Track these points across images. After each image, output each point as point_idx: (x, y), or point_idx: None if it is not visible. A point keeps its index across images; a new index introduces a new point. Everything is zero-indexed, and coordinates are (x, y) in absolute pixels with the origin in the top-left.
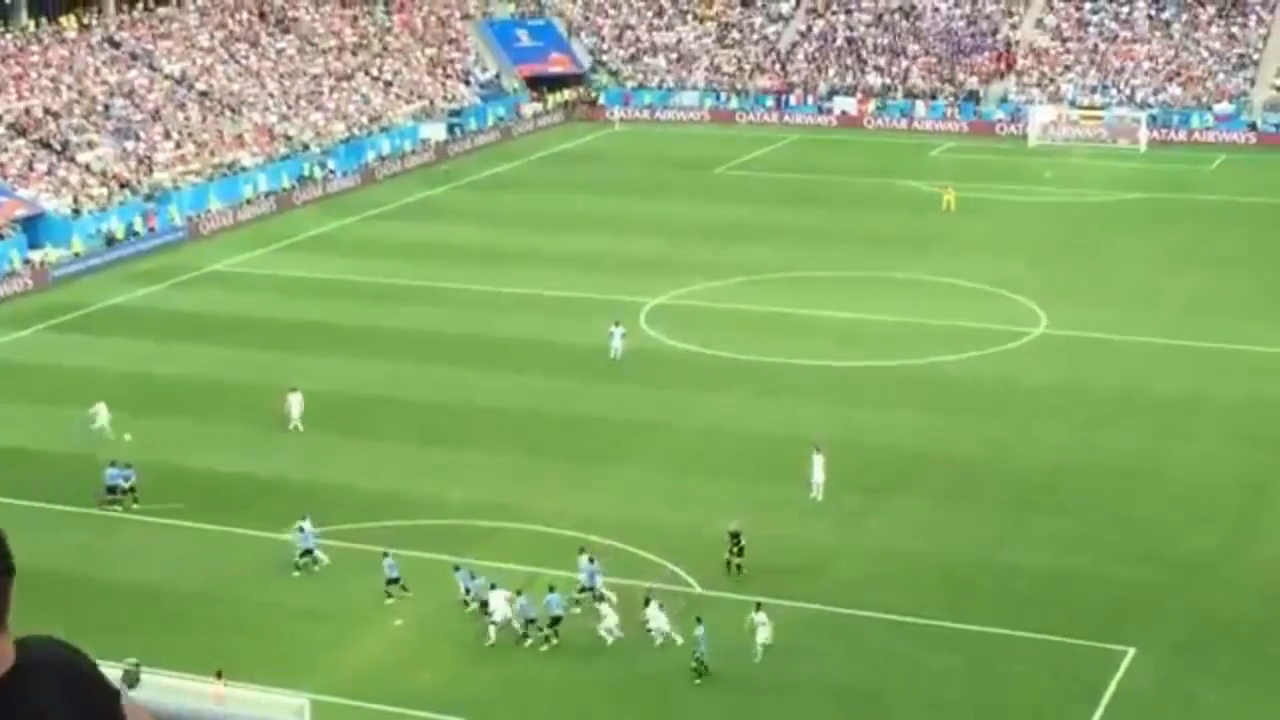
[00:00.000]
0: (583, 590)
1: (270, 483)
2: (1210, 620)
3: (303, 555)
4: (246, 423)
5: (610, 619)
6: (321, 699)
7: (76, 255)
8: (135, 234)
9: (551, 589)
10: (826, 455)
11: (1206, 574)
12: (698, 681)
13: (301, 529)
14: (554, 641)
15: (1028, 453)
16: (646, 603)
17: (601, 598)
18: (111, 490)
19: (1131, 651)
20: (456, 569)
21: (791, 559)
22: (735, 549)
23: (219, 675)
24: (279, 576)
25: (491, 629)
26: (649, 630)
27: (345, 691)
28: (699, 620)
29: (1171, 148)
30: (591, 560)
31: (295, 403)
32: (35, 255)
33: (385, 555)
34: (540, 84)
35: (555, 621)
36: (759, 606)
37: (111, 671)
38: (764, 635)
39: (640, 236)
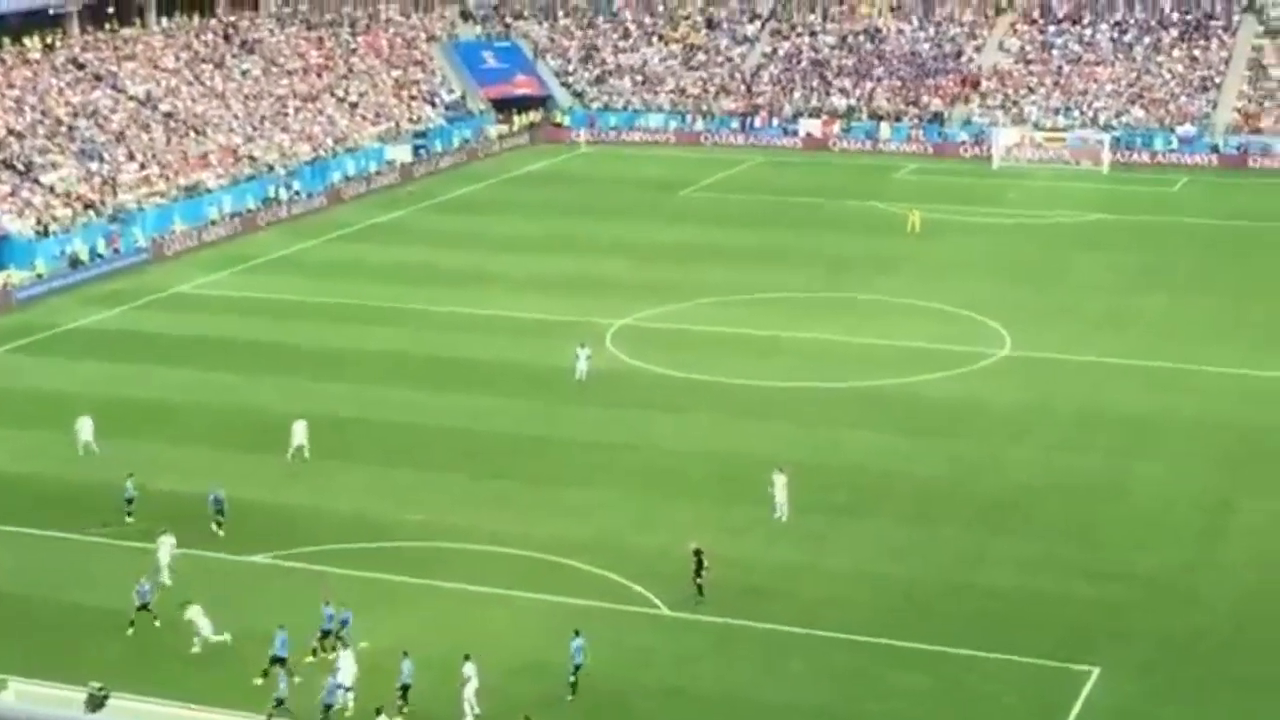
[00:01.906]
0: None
1: (234, 504)
2: (1174, 639)
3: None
4: (212, 445)
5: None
6: None
7: (40, 277)
8: (99, 255)
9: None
10: (789, 475)
11: (1171, 593)
12: (569, 699)
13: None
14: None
15: (993, 473)
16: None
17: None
18: (129, 501)
19: (1096, 671)
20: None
21: (757, 580)
22: (698, 568)
23: None
24: (240, 599)
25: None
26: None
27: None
28: (577, 633)
29: (1134, 169)
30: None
31: (299, 431)
32: None
33: (326, 604)
34: (506, 106)
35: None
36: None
37: (76, 695)
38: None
39: (606, 258)
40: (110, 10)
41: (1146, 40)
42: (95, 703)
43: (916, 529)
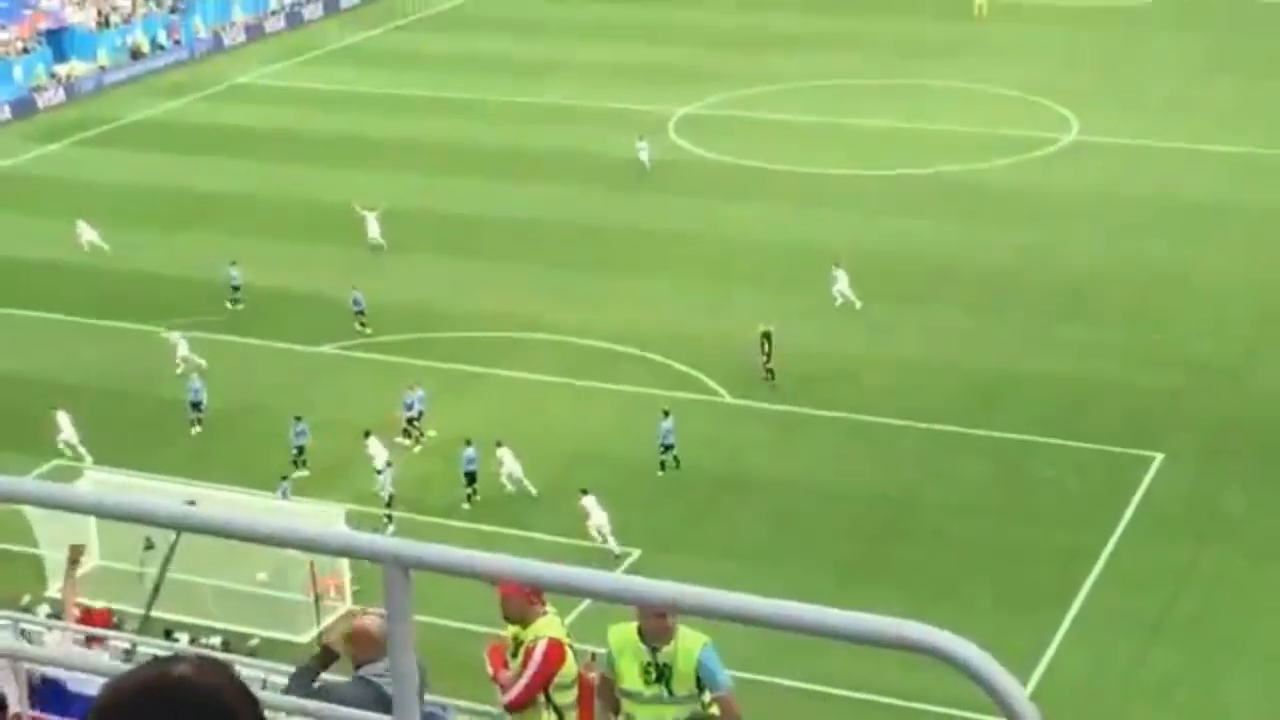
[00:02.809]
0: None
1: (305, 296)
2: (1236, 425)
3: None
4: (278, 236)
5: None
6: (356, 508)
7: (102, 69)
8: (160, 46)
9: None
10: (847, 268)
11: (1231, 379)
12: (660, 474)
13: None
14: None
15: (1056, 260)
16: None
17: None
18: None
19: (1159, 457)
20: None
21: (820, 367)
22: (766, 351)
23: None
24: (310, 387)
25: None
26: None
27: (379, 502)
28: (666, 414)
29: None
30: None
31: (372, 224)
32: (61, 69)
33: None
34: None
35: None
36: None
37: (150, 483)
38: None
39: (669, 45)
40: None
41: None
42: (149, 544)
43: (980, 317)
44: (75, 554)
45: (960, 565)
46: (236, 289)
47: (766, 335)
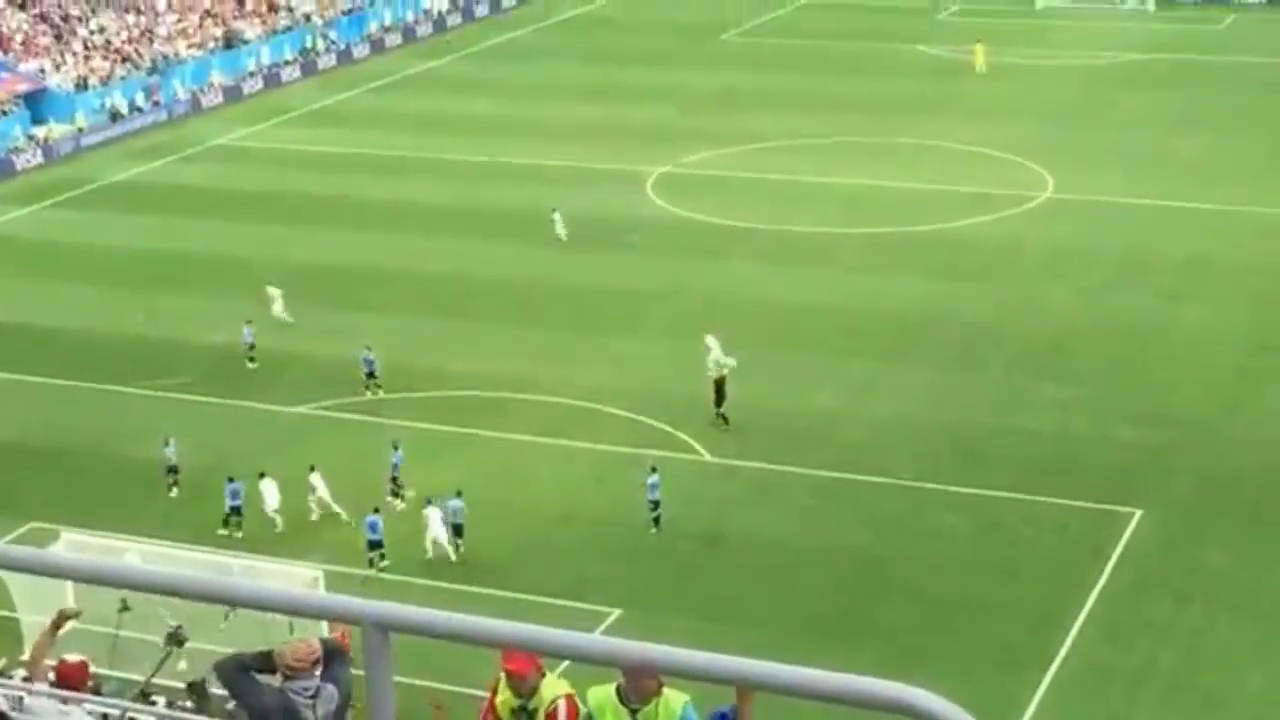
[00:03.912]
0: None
1: (273, 355)
2: (1214, 481)
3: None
4: (255, 297)
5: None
6: (333, 569)
7: (80, 131)
8: (139, 109)
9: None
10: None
11: (1211, 435)
12: (653, 530)
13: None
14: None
15: (1034, 316)
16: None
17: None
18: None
19: (1138, 513)
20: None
21: (799, 425)
22: (718, 398)
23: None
24: (288, 449)
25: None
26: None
27: (356, 562)
28: (653, 469)
29: (1180, 7)
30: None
31: (278, 299)
32: (39, 131)
33: (395, 447)
34: None
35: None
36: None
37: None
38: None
39: (645, 105)
40: None
41: None
42: (176, 640)
43: (959, 373)
44: (61, 619)
45: (940, 623)
46: (252, 347)
47: (718, 383)
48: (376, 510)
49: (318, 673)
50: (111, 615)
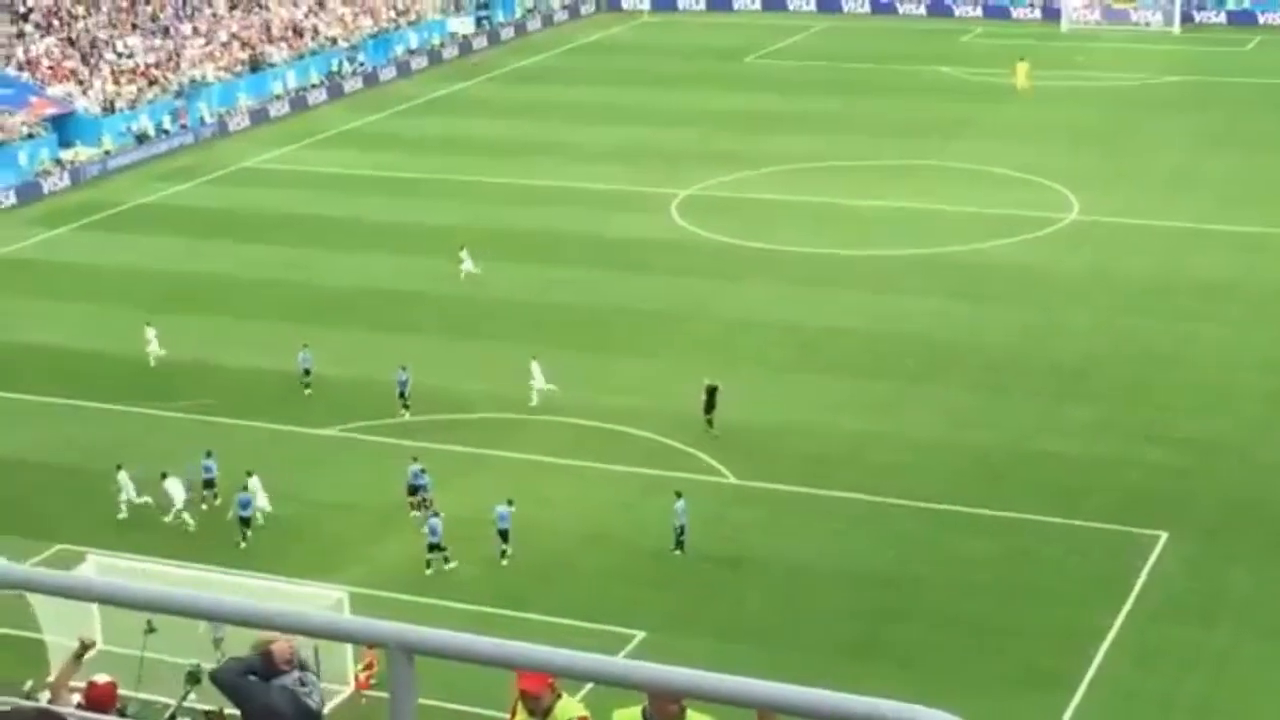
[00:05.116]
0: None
1: (300, 378)
2: (1240, 504)
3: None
4: (278, 319)
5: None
6: (359, 591)
7: (107, 153)
8: (165, 131)
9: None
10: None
11: (1236, 458)
12: (677, 553)
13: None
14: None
15: (1060, 339)
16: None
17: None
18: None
19: (1164, 536)
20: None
21: (824, 448)
22: (709, 404)
23: None
24: (311, 471)
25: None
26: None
27: (382, 584)
28: (679, 495)
29: (1206, 29)
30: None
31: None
32: (66, 154)
33: (414, 460)
34: None
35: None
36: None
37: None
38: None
39: (671, 127)
40: None
41: None
42: (194, 679)
43: (983, 396)
44: (83, 649)
45: (966, 646)
46: (308, 372)
47: (710, 389)
48: (437, 514)
49: (296, 668)
50: (137, 637)
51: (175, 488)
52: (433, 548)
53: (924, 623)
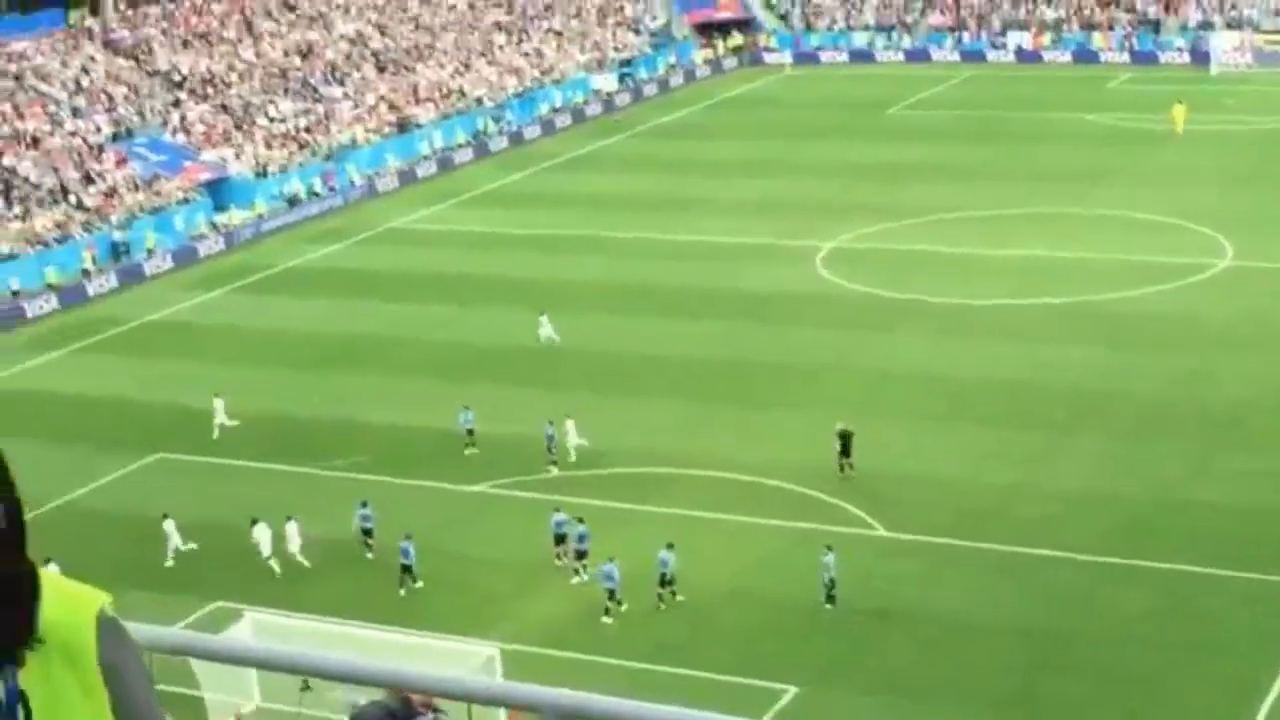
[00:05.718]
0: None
1: (453, 436)
2: None
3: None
4: (430, 376)
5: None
6: (510, 648)
7: (260, 217)
8: (315, 194)
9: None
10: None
11: None
12: (828, 607)
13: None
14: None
15: (1212, 388)
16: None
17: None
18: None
19: None
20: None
21: (973, 501)
22: (843, 450)
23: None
24: (464, 527)
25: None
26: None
27: (533, 640)
28: (829, 548)
29: None
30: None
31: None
32: (221, 218)
33: (556, 510)
34: (709, 30)
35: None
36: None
37: (312, 625)
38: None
39: (815, 180)
40: None
41: None
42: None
43: (1135, 446)
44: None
45: (1123, 701)
46: (471, 433)
47: (844, 435)
48: (612, 559)
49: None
50: (294, 694)
51: (263, 534)
52: (610, 595)
53: (1080, 676)
